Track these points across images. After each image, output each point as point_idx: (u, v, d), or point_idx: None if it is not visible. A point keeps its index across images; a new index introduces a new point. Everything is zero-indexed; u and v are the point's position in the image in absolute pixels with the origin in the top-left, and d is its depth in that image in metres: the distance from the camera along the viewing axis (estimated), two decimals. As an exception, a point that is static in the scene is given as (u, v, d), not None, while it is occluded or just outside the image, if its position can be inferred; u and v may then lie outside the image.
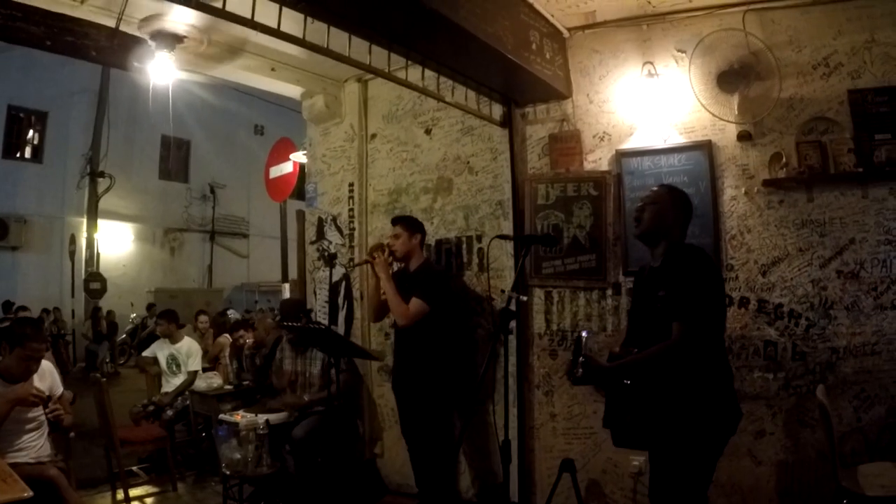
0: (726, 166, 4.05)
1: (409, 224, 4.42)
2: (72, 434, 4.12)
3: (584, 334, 2.89)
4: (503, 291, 4.51)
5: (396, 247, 4.34)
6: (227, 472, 4.17)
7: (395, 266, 4.43)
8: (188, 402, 5.98)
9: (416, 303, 4.16)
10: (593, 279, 4.33)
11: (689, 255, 2.82)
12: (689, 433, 2.70)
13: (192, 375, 6.15)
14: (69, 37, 3.79)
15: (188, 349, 6.31)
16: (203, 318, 7.80)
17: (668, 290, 2.74)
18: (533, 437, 4.49)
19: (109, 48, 3.96)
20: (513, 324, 3.60)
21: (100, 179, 16.29)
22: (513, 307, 2.89)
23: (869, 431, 3.64)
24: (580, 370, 2.79)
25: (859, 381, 3.70)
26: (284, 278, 7.90)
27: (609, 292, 4.31)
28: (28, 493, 2.81)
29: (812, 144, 3.86)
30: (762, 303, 3.93)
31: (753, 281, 3.95)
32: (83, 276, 15.47)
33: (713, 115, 3.99)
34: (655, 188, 3.06)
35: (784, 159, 3.90)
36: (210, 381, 5.92)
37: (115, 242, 17.04)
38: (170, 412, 5.92)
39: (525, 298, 4.23)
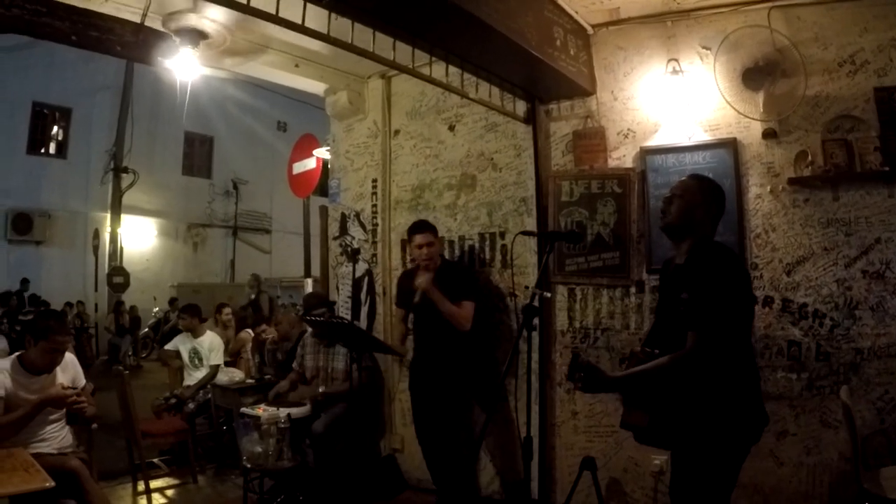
0: (751, 164, 4.02)
1: (433, 229, 4.45)
2: (94, 426, 4.15)
3: (580, 354, 2.86)
4: (527, 288, 4.51)
5: (433, 254, 4.36)
6: (248, 466, 4.19)
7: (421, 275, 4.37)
8: (210, 395, 6.02)
9: (468, 306, 4.23)
10: (617, 276, 4.32)
11: (715, 256, 2.64)
12: (714, 437, 2.61)
13: (214, 369, 6.21)
14: (94, 32, 3.83)
15: (210, 343, 6.36)
16: (227, 310, 7.83)
17: (691, 293, 2.59)
18: (554, 435, 4.49)
19: (134, 43, 4.00)
20: (536, 321, 3.58)
21: (123, 175, 16.45)
22: (536, 303, 2.88)
23: (892, 433, 3.60)
24: (579, 384, 2.77)
25: (883, 383, 3.66)
26: (307, 273, 7.92)
27: (632, 290, 4.29)
28: (50, 484, 2.84)
29: (838, 143, 3.82)
30: (786, 302, 3.89)
31: (778, 280, 3.92)
32: (106, 271, 15.64)
33: (738, 112, 3.96)
34: (687, 178, 2.89)
35: (809, 157, 3.86)
36: (232, 375, 5.97)
37: (139, 237, 17.20)
38: (191, 405, 5.97)
39: (549, 295, 4.26)
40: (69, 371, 3.93)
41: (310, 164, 6.46)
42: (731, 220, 3.97)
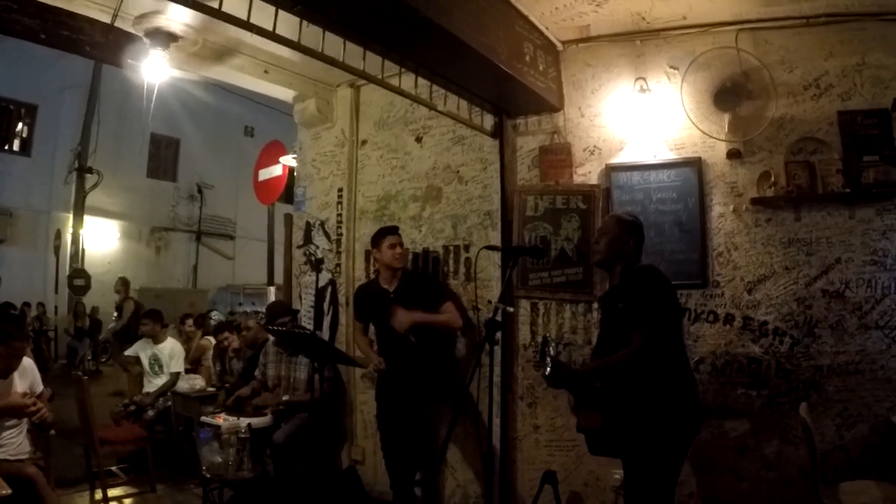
0: (715, 183, 4.09)
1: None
2: (52, 432, 4.04)
3: (550, 336, 3.04)
4: (490, 302, 4.49)
5: (405, 253, 4.37)
6: (208, 475, 4.12)
7: (389, 280, 4.35)
8: (170, 403, 5.93)
9: (450, 306, 4.25)
10: (580, 292, 4.33)
11: (643, 273, 3.07)
12: (655, 434, 2.88)
13: (175, 377, 6.10)
14: (64, 31, 3.77)
15: (171, 350, 6.26)
16: (189, 321, 7.74)
17: (626, 303, 2.99)
18: (515, 449, 4.47)
19: (104, 44, 3.94)
20: (498, 335, 3.60)
21: (87, 175, 16.16)
22: (499, 318, 2.90)
23: (851, 449, 3.68)
24: (549, 369, 2.95)
25: (842, 400, 3.73)
26: (270, 281, 7.85)
27: (595, 305, 4.29)
28: (6, 491, 2.79)
29: (801, 164, 3.90)
30: (747, 320, 3.95)
31: (739, 298, 3.98)
32: (67, 272, 15.33)
33: (704, 132, 4.02)
34: (607, 218, 3.35)
35: (773, 178, 3.93)
36: (192, 383, 5.88)
37: (101, 239, 16.89)
38: (151, 413, 5.87)
39: (511, 310, 4.25)
40: (27, 376, 3.84)
41: (276, 170, 6.41)
42: (693, 239, 4.06)
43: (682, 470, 3.07)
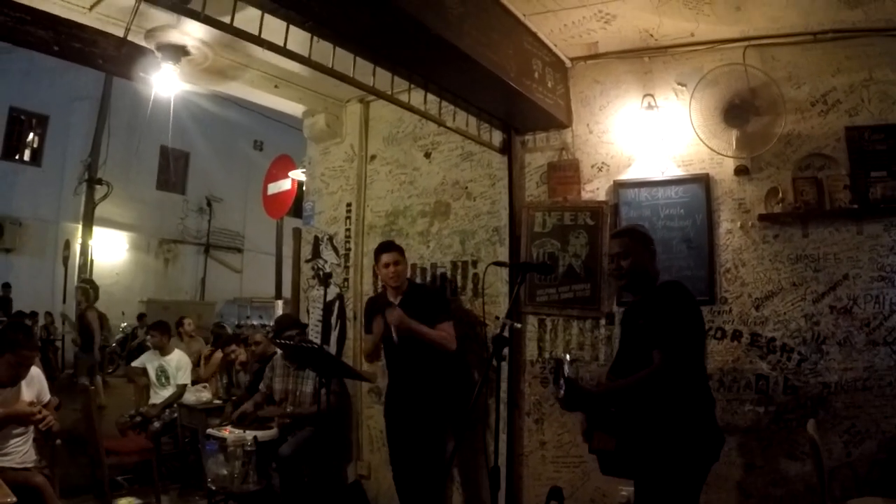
0: (723, 200, 4.09)
1: (400, 249, 4.41)
2: (58, 441, 4.06)
3: (565, 357, 2.99)
4: (497, 318, 4.48)
5: (400, 273, 4.31)
6: (213, 488, 4.13)
7: (394, 294, 4.35)
8: (176, 414, 5.94)
9: (447, 326, 4.21)
10: (587, 308, 4.33)
11: (668, 288, 2.99)
12: (673, 460, 2.79)
13: (181, 388, 6.12)
14: (77, 43, 3.80)
15: (178, 362, 6.28)
16: (188, 321, 7.71)
17: (647, 320, 2.89)
18: (522, 465, 4.46)
19: (116, 57, 3.97)
20: (506, 351, 3.61)
21: (97, 186, 16.21)
22: (506, 334, 2.89)
23: (858, 466, 3.65)
24: (562, 391, 2.86)
25: (850, 417, 3.71)
26: (278, 295, 7.84)
27: (602, 322, 4.31)
28: (12, 500, 2.79)
29: (808, 180, 3.90)
30: (755, 336, 3.94)
31: (747, 314, 3.97)
32: (75, 283, 15.38)
33: (711, 149, 4.03)
34: (615, 239, 3.19)
35: (780, 194, 3.93)
36: (199, 395, 5.89)
37: (110, 250, 16.94)
38: (157, 424, 5.88)
39: (519, 326, 4.26)
40: (34, 385, 3.85)
41: (285, 185, 6.43)
42: (701, 255, 4.05)
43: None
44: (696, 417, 2.87)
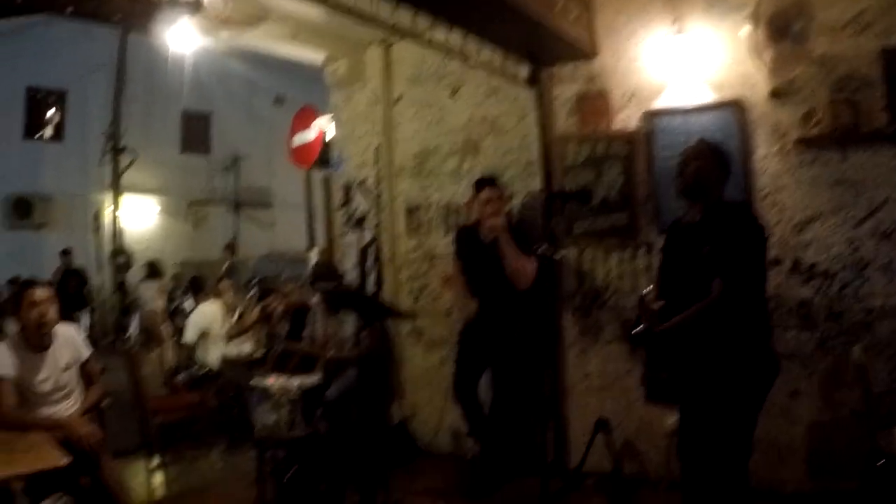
0: (758, 124, 3.98)
1: (498, 185, 4.31)
2: (104, 402, 4.09)
3: (644, 293, 2.89)
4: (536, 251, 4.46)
5: (499, 211, 4.19)
6: (262, 437, 4.17)
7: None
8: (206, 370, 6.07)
9: (530, 262, 4.07)
10: (626, 238, 4.31)
11: (734, 211, 2.86)
12: (731, 387, 2.75)
13: (189, 347, 6.25)
14: (91, 0, 3.75)
15: (198, 317, 6.41)
16: (225, 283, 7.76)
17: (714, 246, 2.75)
18: (567, 397, 4.50)
19: (132, 12, 3.94)
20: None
21: (121, 155, 16.29)
22: (550, 264, 2.86)
23: (904, 392, 3.60)
24: (641, 328, 2.84)
25: (895, 342, 3.65)
26: (311, 244, 7.86)
27: (641, 251, 4.28)
28: (66, 460, 2.79)
29: (844, 103, 3.77)
30: (796, 262, 3.89)
31: (787, 240, 3.91)
32: (108, 251, 15.58)
33: (744, 71, 3.93)
34: (698, 142, 3.05)
35: (816, 118, 3.81)
36: (241, 348, 5.96)
37: (139, 217, 17.02)
38: (182, 376, 5.99)
39: (563, 254, 4.24)
40: (68, 346, 3.75)
41: (310, 135, 6.38)
42: (738, 181, 3.89)
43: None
44: (754, 344, 2.82)
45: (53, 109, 16.28)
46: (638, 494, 4.07)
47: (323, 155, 6.04)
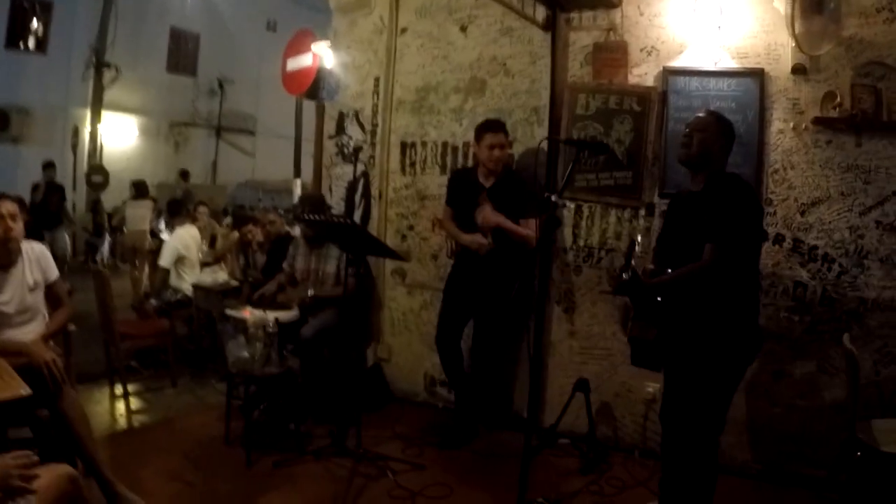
0: (777, 98, 3.85)
1: (505, 130, 4.20)
2: (71, 328, 3.91)
3: (637, 238, 2.83)
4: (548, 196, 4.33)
5: (503, 158, 4.15)
6: (234, 371, 3.99)
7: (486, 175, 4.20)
8: (178, 296, 5.92)
9: (533, 224, 3.94)
10: (628, 197, 4.17)
11: (732, 183, 2.87)
12: (711, 356, 2.78)
13: (162, 271, 6.12)
14: None
15: (173, 240, 6.23)
16: (202, 209, 7.54)
17: (707, 212, 2.79)
18: (549, 354, 4.42)
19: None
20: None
21: (105, 71, 15.83)
22: (558, 214, 2.72)
23: (885, 386, 3.61)
24: (626, 276, 2.78)
25: (883, 336, 3.64)
26: (297, 174, 7.64)
27: (642, 212, 4.16)
28: (26, 392, 2.62)
29: (867, 88, 3.66)
30: (797, 242, 3.81)
31: (791, 219, 3.83)
32: (85, 170, 15.21)
33: (771, 42, 3.80)
34: (702, 114, 3.04)
35: (837, 99, 3.70)
36: (215, 276, 5.78)
37: (119, 135, 16.71)
38: (154, 302, 5.85)
39: (567, 205, 4.13)
40: (38, 265, 3.51)
41: (306, 60, 6.09)
42: (750, 153, 3.86)
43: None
44: (740, 317, 2.83)
45: (36, 20, 15.68)
46: (610, 459, 4.03)
47: (317, 82, 5.78)
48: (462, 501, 3.53)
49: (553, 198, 2.76)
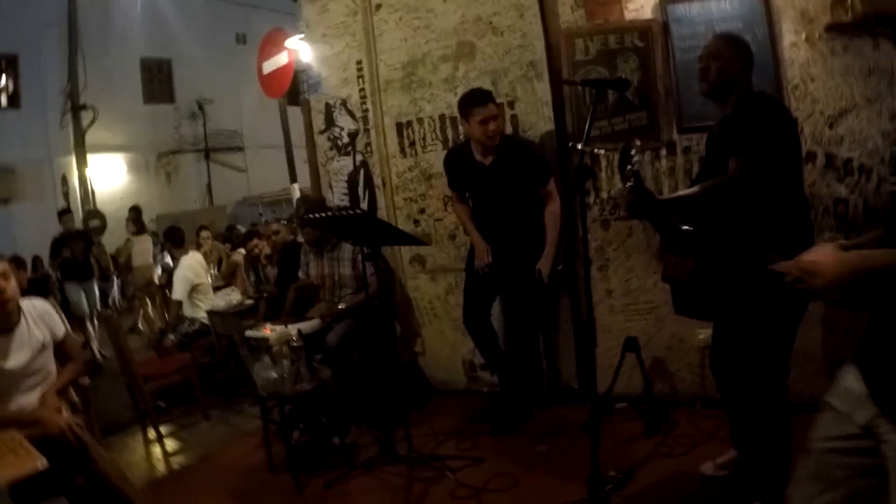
0: (784, 10, 3.62)
1: (493, 99, 3.95)
2: (85, 381, 3.75)
3: (635, 143, 2.65)
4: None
5: (499, 129, 3.94)
6: (265, 395, 3.79)
7: (482, 152, 3.99)
8: (194, 327, 5.77)
9: (553, 188, 3.96)
10: (645, 138, 3.92)
11: (760, 100, 2.72)
12: (765, 296, 2.42)
13: (176, 304, 5.96)
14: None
15: (180, 270, 6.05)
16: (205, 233, 7.39)
17: (736, 131, 2.63)
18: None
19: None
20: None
21: (82, 113, 15.70)
22: (588, 162, 2.50)
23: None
24: (629, 185, 2.58)
25: (939, 237, 3.40)
26: (293, 180, 7.46)
27: (663, 152, 3.94)
28: (42, 464, 2.44)
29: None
30: (830, 157, 3.60)
31: (820, 134, 3.61)
32: (81, 216, 15.09)
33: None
34: (713, 40, 2.87)
35: (848, 2, 3.44)
36: (228, 299, 5.59)
37: (108, 176, 16.65)
38: (172, 337, 5.69)
39: (601, 151, 3.85)
40: (43, 323, 3.32)
41: (281, 59, 5.91)
42: (766, 72, 3.59)
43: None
44: (794, 244, 2.40)
45: (5, 77, 15.56)
46: (673, 415, 3.84)
47: (297, 79, 5.57)
48: (530, 490, 3.32)
49: (579, 146, 2.53)
